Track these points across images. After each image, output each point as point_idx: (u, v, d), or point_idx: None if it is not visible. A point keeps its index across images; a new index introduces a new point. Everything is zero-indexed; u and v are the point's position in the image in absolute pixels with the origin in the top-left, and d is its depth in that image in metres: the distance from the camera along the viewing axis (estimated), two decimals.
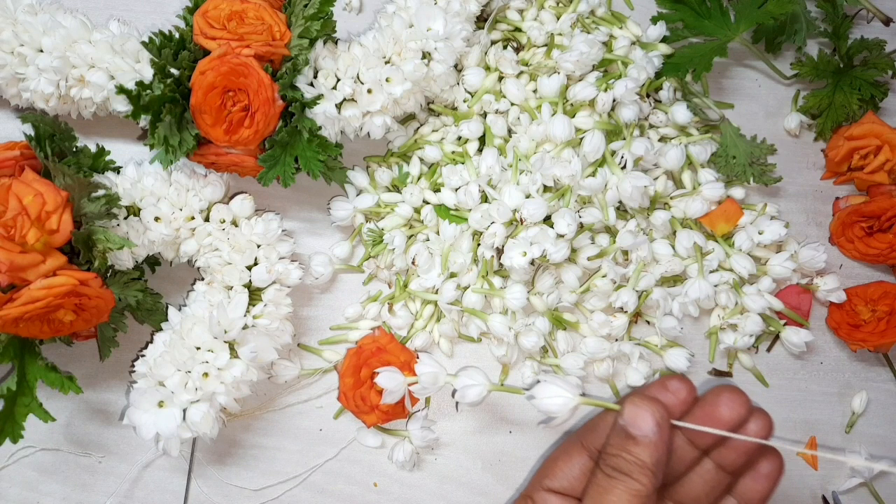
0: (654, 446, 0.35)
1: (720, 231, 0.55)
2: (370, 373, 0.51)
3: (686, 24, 0.57)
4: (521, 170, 0.52)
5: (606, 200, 0.53)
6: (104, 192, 0.47)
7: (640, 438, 0.35)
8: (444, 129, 0.56)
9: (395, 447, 0.53)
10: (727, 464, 0.39)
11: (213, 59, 0.46)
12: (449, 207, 0.54)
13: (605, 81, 0.54)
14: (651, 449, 0.35)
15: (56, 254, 0.43)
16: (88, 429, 0.53)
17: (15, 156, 0.47)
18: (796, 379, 0.57)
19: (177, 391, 0.46)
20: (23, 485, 0.52)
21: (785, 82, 0.61)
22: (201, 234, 0.50)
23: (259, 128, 0.47)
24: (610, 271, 0.53)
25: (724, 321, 0.55)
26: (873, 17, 0.60)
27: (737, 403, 0.37)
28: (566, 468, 0.40)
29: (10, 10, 0.49)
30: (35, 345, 0.47)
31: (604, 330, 0.54)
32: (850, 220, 0.57)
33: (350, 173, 0.55)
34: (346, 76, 0.49)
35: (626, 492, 0.35)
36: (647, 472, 0.35)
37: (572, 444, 0.41)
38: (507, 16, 0.57)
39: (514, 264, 0.50)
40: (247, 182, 0.54)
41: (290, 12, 0.49)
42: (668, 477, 0.39)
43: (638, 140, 0.53)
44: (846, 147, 0.57)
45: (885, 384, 0.58)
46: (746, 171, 0.56)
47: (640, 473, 0.35)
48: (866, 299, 0.56)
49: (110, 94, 0.49)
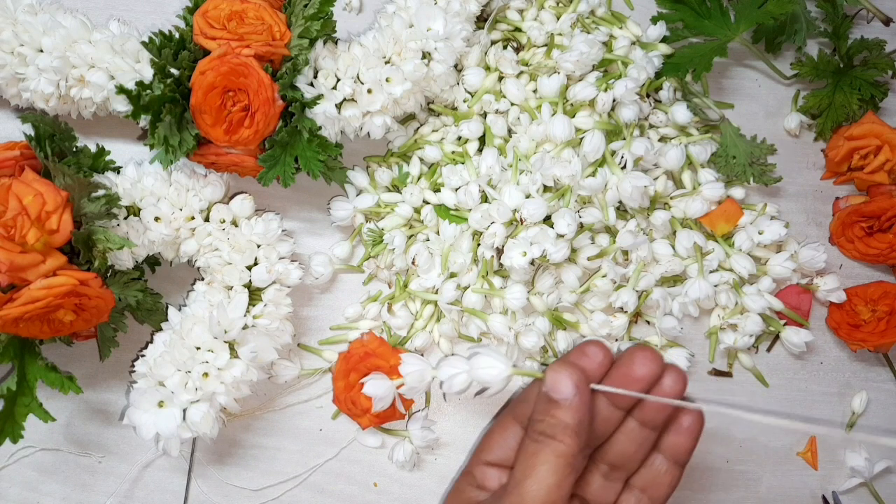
0: (575, 408, 0.37)
1: (720, 231, 0.55)
2: (359, 378, 0.51)
3: (686, 24, 0.57)
4: (521, 170, 0.52)
5: (606, 200, 0.53)
6: (104, 192, 0.47)
7: (561, 402, 0.37)
8: (444, 129, 0.56)
9: (395, 447, 0.53)
10: (648, 420, 0.40)
11: (213, 59, 0.46)
12: (449, 207, 0.54)
13: (605, 81, 0.54)
14: (572, 411, 0.37)
15: (56, 254, 0.43)
16: (88, 429, 0.53)
17: (15, 156, 0.47)
18: (796, 379, 0.57)
19: (177, 391, 0.46)
20: (23, 485, 0.52)
21: (785, 82, 0.61)
22: (201, 234, 0.50)
23: (259, 128, 0.47)
24: (610, 271, 0.53)
25: (724, 321, 0.55)
26: (873, 17, 0.60)
27: (650, 361, 0.39)
28: (501, 441, 0.42)
29: (10, 10, 0.49)
30: (35, 345, 0.47)
31: (604, 330, 0.54)
32: (850, 220, 0.57)
33: (350, 173, 0.55)
34: (346, 76, 0.49)
35: (551, 453, 0.36)
36: (570, 433, 0.37)
37: (506, 417, 0.43)
38: (507, 16, 0.57)
39: (514, 264, 0.50)
40: (247, 182, 0.54)
41: (290, 12, 0.49)
42: (596, 439, 0.41)
43: (638, 140, 0.53)
44: (846, 147, 0.57)
45: (885, 384, 0.58)
46: (746, 171, 0.56)
47: (564, 434, 0.37)
48: (866, 299, 0.56)
49: (110, 94, 0.49)
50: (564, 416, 0.37)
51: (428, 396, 0.55)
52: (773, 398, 0.57)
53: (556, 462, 0.36)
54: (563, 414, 0.37)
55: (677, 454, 0.41)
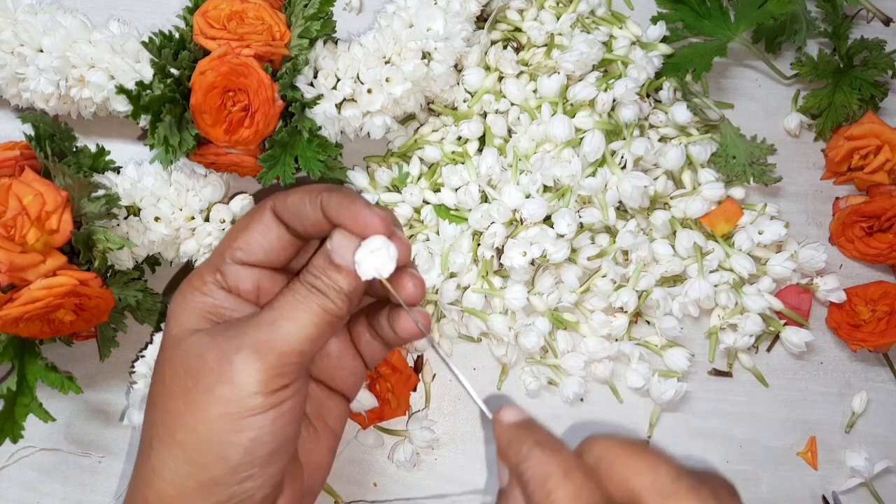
0: (354, 277, 0.35)
1: (720, 231, 0.55)
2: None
3: (686, 24, 0.57)
4: (521, 170, 0.52)
5: (606, 200, 0.53)
6: (104, 192, 0.47)
7: (342, 266, 0.35)
8: (444, 129, 0.56)
9: (395, 447, 0.54)
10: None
11: (213, 59, 0.46)
12: (449, 207, 0.54)
13: (605, 81, 0.54)
14: (351, 278, 0.35)
15: (56, 254, 0.43)
16: (88, 429, 0.53)
17: (15, 156, 0.47)
18: (796, 379, 0.57)
19: None
20: (23, 485, 0.52)
21: (785, 82, 0.61)
22: (201, 234, 0.50)
23: (259, 128, 0.47)
24: (610, 271, 0.53)
25: (724, 321, 0.55)
26: (873, 17, 0.60)
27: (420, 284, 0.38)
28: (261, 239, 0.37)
29: (10, 10, 0.49)
30: (35, 345, 0.47)
31: (604, 330, 0.54)
32: (850, 220, 0.57)
33: (350, 173, 0.55)
34: (346, 76, 0.49)
35: (320, 307, 0.35)
36: (344, 298, 0.35)
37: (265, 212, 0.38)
38: (507, 16, 0.57)
39: (514, 264, 0.50)
40: (247, 182, 0.54)
41: (290, 12, 0.49)
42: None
43: (638, 140, 0.53)
44: (846, 147, 0.57)
45: (885, 384, 0.58)
46: (746, 171, 0.56)
47: (337, 297, 0.35)
48: (866, 299, 0.56)
49: (110, 94, 0.49)
50: (342, 281, 0.35)
51: (428, 396, 0.55)
52: (773, 398, 0.57)
53: (322, 316, 0.35)
54: (342, 279, 0.35)
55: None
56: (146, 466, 0.35)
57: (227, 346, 0.34)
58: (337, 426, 0.41)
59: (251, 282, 0.37)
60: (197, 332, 0.36)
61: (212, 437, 0.33)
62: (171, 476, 0.34)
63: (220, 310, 0.37)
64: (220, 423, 0.33)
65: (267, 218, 0.37)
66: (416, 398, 0.55)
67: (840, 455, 0.56)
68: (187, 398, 0.34)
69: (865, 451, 0.56)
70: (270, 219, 0.37)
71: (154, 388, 0.36)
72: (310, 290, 0.35)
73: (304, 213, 0.36)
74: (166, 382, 0.35)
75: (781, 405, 0.57)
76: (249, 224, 0.37)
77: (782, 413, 0.57)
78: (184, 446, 0.34)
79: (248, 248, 0.37)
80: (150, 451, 0.35)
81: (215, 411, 0.33)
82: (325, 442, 0.40)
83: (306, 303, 0.35)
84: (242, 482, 0.33)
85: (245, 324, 0.35)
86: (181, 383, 0.34)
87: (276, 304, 0.35)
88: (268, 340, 0.34)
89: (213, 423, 0.33)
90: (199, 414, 0.33)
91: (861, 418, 0.57)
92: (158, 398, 0.35)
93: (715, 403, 0.56)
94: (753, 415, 0.56)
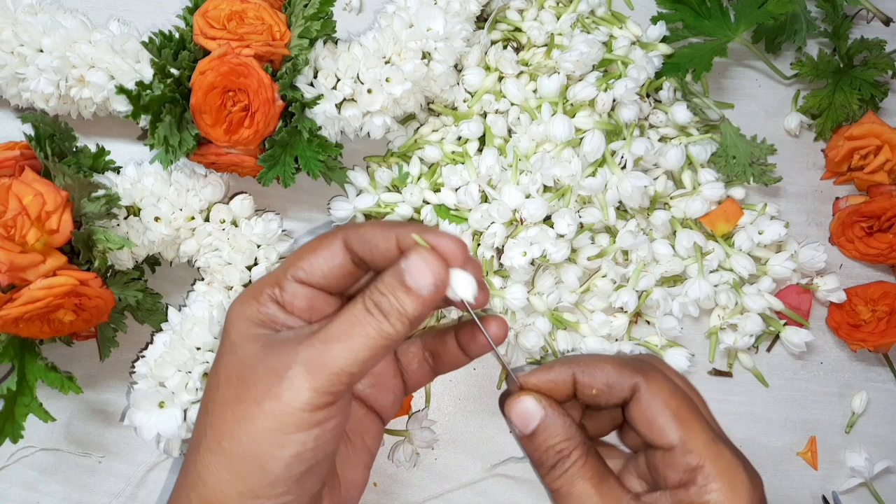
0: (423, 304, 0.34)
1: (720, 231, 0.55)
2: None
3: (686, 24, 0.57)
4: (521, 170, 0.52)
5: (606, 200, 0.53)
6: (104, 192, 0.47)
7: (413, 289, 0.34)
8: (444, 129, 0.56)
9: (395, 447, 0.54)
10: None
11: (213, 59, 0.46)
12: (449, 207, 0.54)
13: (605, 81, 0.54)
14: (419, 304, 0.34)
15: (56, 254, 0.43)
16: (88, 429, 0.53)
17: (15, 156, 0.47)
18: (796, 379, 0.57)
19: (177, 392, 0.46)
20: (23, 485, 0.52)
21: (785, 82, 0.61)
22: (201, 234, 0.50)
23: (259, 128, 0.47)
24: (610, 271, 0.53)
25: (724, 321, 0.55)
26: (873, 17, 0.60)
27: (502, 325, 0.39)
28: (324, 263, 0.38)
29: (10, 10, 0.49)
30: (35, 345, 0.47)
31: (604, 330, 0.54)
32: (850, 220, 0.57)
33: (350, 173, 0.55)
34: (346, 76, 0.49)
35: (376, 330, 0.34)
36: (406, 322, 0.34)
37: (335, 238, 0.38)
38: (507, 16, 0.57)
39: (514, 264, 0.50)
40: (247, 182, 0.54)
41: (290, 12, 0.49)
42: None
43: (638, 140, 0.53)
44: (846, 147, 0.57)
45: (885, 384, 0.58)
46: (746, 171, 0.56)
47: (398, 320, 0.34)
48: (866, 299, 0.56)
49: (110, 94, 0.49)
50: (408, 305, 0.34)
51: (428, 396, 0.55)
52: (773, 398, 0.57)
53: (377, 340, 0.34)
54: (407, 302, 0.34)
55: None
56: (192, 469, 0.35)
57: (279, 360, 0.34)
58: (373, 444, 0.41)
59: (306, 300, 0.38)
60: (252, 341, 0.36)
61: (255, 449, 0.33)
62: (213, 482, 0.34)
63: (274, 322, 0.37)
64: (264, 437, 0.33)
65: (335, 245, 0.38)
66: (416, 398, 0.55)
67: (840, 455, 0.56)
68: (236, 408, 0.34)
69: (865, 451, 0.56)
70: (338, 246, 0.38)
71: (207, 393, 0.36)
72: (369, 312, 0.34)
73: (376, 241, 0.36)
74: (220, 389, 0.36)
75: (781, 405, 0.57)
76: (318, 248, 0.38)
77: (782, 413, 0.57)
78: (228, 455, 0.34)
79: (310, 270, 0.38)
80: (196, 454, 0.35)
81: (261, 424, 0.33)
82: (361, 458, 0.40)
83: (363, 325, 0.34)
84: (280, 496, 0.34)
85: (299, 340, 0.35)
86: (232, 392, 0.35)
87: (333, 322, 0.35)
88: (319, 359, 0.34)
89: (259, 435, 0.33)
90: (245, 425, 0.34)
91: (861, 418, 0.57)
92: (210, 403, 0.36)
93: (715, 403, 0.56)
94: (753, 415, 0.56)
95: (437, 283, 0.34)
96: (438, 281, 0.34)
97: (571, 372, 0.39)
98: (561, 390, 0.39)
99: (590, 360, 0.39)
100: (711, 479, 0.36)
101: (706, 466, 0.36)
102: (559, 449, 0.37)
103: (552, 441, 0.37)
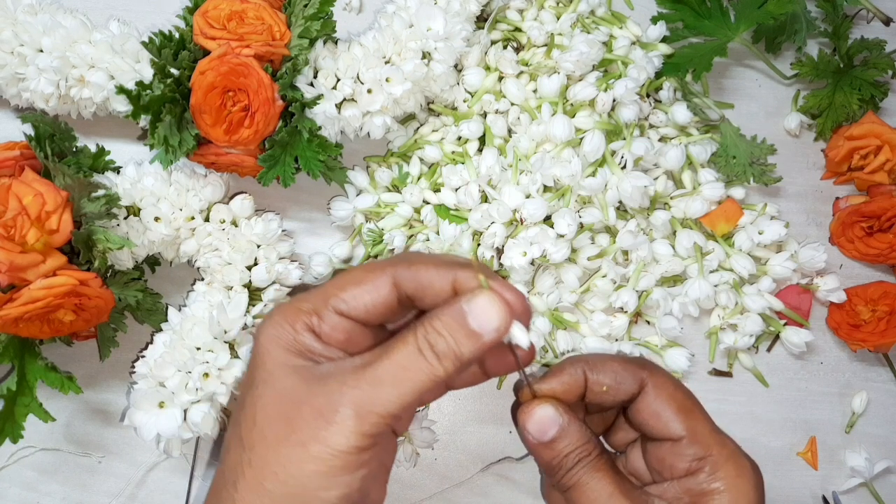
0: (480, 348, 0.34)
1: (720, 231, 0.55)
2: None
3: (686, 24, 0.57)
4: (521, 170, 0.52)
5: (606, 200, 0.53)
6: (104, 192, 0.47)
7: (475, 332, 0.33)
8: (444, 129, 0.56)
9: None
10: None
11: (213, 59, 0.46)
12: (449, 207, 0.54)
13: (605, 81, 0.54)
14: (476, 347, 0.33)
15: (56, 254, 0.43)
16: (88, 429, 0.53)
17: (15, 156, 0.47)
18: (796, 379, 0.57)
19: (177, 392, 0.46)
20: (23, 485, 0.52)
21: (785, 82, 0.61)
22: (201, 234, 0.50)
23: (259, 128, 0.47)
24: (610, 271, 0.53)
25: (724, 321, 0.55)
26: (873, 17, 0.60)
27: None
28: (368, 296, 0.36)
29: (10, 10, 0.49)
30: (35, 345, 0.47)
31: (604, 330, 0.54)
32: (850, 220, 0.57)
33: (350, 173, 0.55)
34: (346, 76, 0.49)
35: (428, 375, 0.33)
36: (458, 364, 0.34)
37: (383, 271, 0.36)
38: (507, 16, 0.57)
39: (514, 264, 0.50)
40: (247, 182, 0.54)
41: (290, 12, 0.49)
42: None
43: (638, 140, 0.53)
44: (846, 147, 0.57)
45: (885, 384, 0.58)
46: (746, 171, 0.56)
47: (451, 363, 0.33)
48: (866, 299, 0.56)
49: (110, 94, 0.49)
50: (466, 347, 0.33)
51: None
52: (773, 398, 0.57)
53: (427, 384, 0.33)
54: (466, 345, 0.33)
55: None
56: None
57: (326, 401, 0.33)
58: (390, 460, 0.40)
59: (344, 332, 0.36)
60: (291, 373, 0.35)
61: (301, 492, 0.33)
62: None
63: (310, 352, 0.36)
64: (311, 480, 0.33)
65: (382, 280, 0.36)
66: None
67: (840, 455, 0.56)
68: (280, 449, 0.33)
69: (865, 451, 0.56)
70: (386, 282, 0.36)
71: (244, 425, 0.35)
72: (422, 353, 0.34)
73: (431, 280, 0.35)
74: (258, 424, 0.34)
75: (781, 405, 0.57)
76: (363, 281, 0.36)
77: (782, 413, 0.57)
78: (271, 496, 0.33)
79: (353, 303, 0.36)
80: (233, 491, 0.34)
81: (308, 468, 0.33)
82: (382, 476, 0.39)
83: (415, 368, 0.33)
84: None
85: (344, 378, 0.34)
86: (274, 430, 0.34)
87: (381, 362, 0.34)
88: (368, 402, 0.33)
89: (305, 478, 0.33)
90: (291, 468, 0.33)
91: (861, 418, 0.57)
92: (248, 438, 0.35)
93: (715, 403, 0.56)
94: (753, 415, 0.56)
95: (500, 329, 0.33)
96: (503, 326, 0.33)
97: (582, 371, 0.39)
98: (573, 391, 0.39)
99: (597, 359, 0.39)
100: (719, 466, 0.37)
101: (714, 454, 0.37)
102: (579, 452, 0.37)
103: (573, 446, 0.37)
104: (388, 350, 0.34)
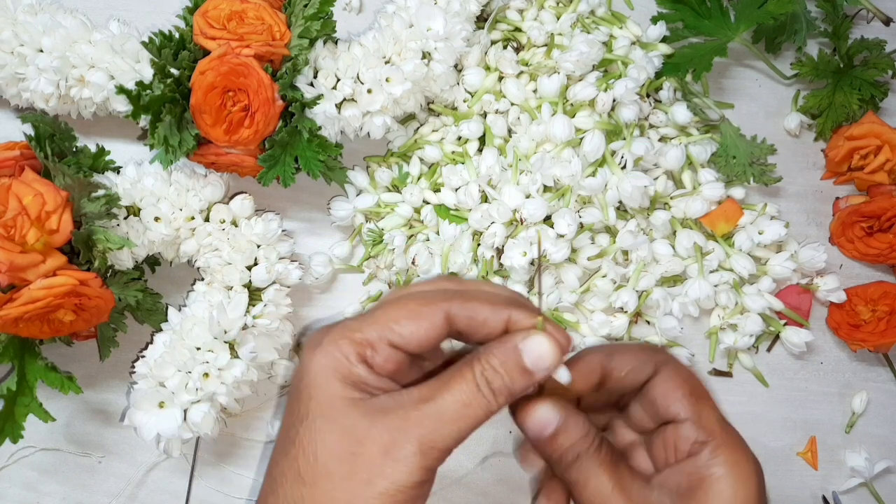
0: (532, 383, 0.35)
1: (720, 231, 0.55)
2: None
3: (686, 24, 0.57)
4: (521, 170, 0.52)
5: (606, 200, 0.53)
6: (104, 192, 0.47)
7: (529, 368, 0.35)
8: (444, 129, 0.56)
9: None
10: None
11: (213, 59, 0.46)
12: (449, 207, 0.54)
13: (605, 81, 0.54)
14: (528, 381, 0.35)
15: (56, 254, 0.43)
16: (88, 429, 0.53)
17: (15, 156, 0.47)
18: (796, 379, 0.57)
19: (177, 392, 0.46)
20: (23, 485, 0.52)
21: (785, 82, 0.61)
22: (201, 234, 0.50)
23: (259, 128, 0.47)
24: (610, 271, 0.53)
25: (724, 321, 0.55)
26: (873, 17, 0.60)
27: None
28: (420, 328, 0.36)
29: (10, 10, 0.49)
30: (35, 345, 0.47)
31: (604, 330, 0.54)
32: (850, 220, 0.57)
33: (350, 173, 0.55)
34: (346, 76, 0.49)
35: (483, 411, 0.34)
36: (508, 400, 0.35)
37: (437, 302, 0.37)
38: (507, 16, 0.57)
39: (514, 264, 0.50)
40: (247, 182, 0.54)
41: (290, 12, 0.49)
42: None
43: (638, 140, 0.53)
44: (846, 147, 0.57)
45: (885, 384, 0.58)
46: (746, 171, 0.56)
47: (504, 399, 0.35)
48: (866, 299, 0.56)
49: (110, 94, 0.49)
50: (519, 384, 0.35)
51: None
52: (773, 398, 0.57)
53: (481, 419, 0.34)
54: (519, 382, 0.35)
55: None
56: None
57: (390, 438, 0.34)
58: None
59: (395, 363, 0.37)
60: (350, 407, 0.35)
61: None
62: None
63: (365, 384, 0.36)
64: None
65: (437, 316, 0.37)
66: None
67: (840, 455, 0.56)
68: (344, 486, 0.34)
69: (865, 451, 0.56)
70: (441, 317, 0.37)
71: (302, 460, 0.35)
72: (480, 390, 0.34)
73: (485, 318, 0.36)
74: (318, 458, 0.34)
75: (781, 405, 0.57)
76: (420, 316, 0.37)
77: (782, 413, 0.57)
78: None
79: (409, 337, 0.36)
80: None
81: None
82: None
83: (475, 405, 0.34)
84: None
85: (405, 413, 0.34)
86: (338, 467, 0.34)
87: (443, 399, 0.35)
88: (431, 439, 0.34)
89: None
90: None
91: (861, 418, 0.57)
92: (309, 474, 0.35)
93: None
94: (753, 415, 0.56)
95: (551, 368, 0.35)
96: (553, 366, 0.35)
97: (599, 359, 0.39)
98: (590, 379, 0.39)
99: (612, 347, 0.40)
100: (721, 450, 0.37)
101: (717, 439, 0.37)
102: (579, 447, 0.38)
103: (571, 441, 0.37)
104: (448, 385, 0.35)
